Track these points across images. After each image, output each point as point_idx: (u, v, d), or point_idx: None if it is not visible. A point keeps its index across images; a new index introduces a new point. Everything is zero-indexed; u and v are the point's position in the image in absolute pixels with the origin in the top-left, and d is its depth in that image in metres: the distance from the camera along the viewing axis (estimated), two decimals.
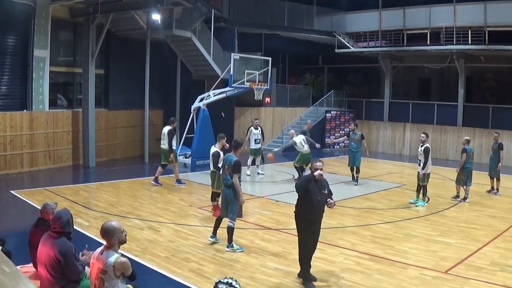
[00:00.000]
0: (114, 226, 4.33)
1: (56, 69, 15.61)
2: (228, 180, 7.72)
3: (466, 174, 11.70)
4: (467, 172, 11.69)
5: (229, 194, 7.74)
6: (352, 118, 23.26)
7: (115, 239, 4.30)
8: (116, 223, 4.40)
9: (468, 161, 11.69)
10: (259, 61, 17.55)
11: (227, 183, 7.75)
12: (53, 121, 15.17)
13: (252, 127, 15.13)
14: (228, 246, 7.70)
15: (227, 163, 7.75)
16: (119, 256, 4.24)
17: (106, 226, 4.35)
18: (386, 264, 7.18)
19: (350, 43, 22.04)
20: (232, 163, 7.63)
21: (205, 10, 17.68)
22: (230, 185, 7.70)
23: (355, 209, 10.79)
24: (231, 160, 7.68)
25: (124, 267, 4.23)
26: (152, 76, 17.27)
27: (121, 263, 4.21)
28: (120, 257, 4.23)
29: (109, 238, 4.30)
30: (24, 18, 14.10)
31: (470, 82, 21.81)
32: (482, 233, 8.95)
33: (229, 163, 7.68)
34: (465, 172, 11.69)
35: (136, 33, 17.34)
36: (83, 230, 8.43)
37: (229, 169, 7.68)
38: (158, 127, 19.90)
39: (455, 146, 20.06)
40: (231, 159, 7.70)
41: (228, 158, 7.81)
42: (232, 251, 7.62)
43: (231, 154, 7.82)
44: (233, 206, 7.71)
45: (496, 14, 17.72)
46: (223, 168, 7.93)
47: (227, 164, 7.74)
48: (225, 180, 7.82)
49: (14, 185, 12.53)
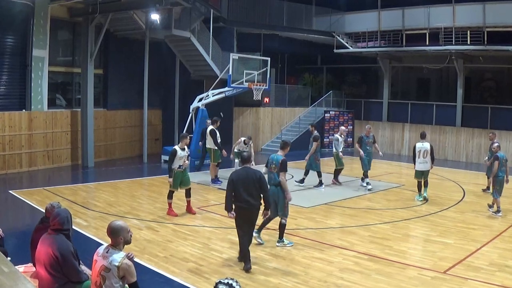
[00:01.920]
0: (121, 225, 4.34)
1: (55, 69, 15.60)
2: (275, 179, 7.81)
3: (500, 184, 10.37)
4: (499, 181, 10.38)
5: (276, 193, 7.82)
6: (351, 118, 23.29)
7: (121, 238, 4.30)
8: (123, 222, 4.41)
9: (501, 169, 10.36)
10: (258, 61, 17.58)
11: (275, 182, 7.83)
12: (52, 121, 15.16)
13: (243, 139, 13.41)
14: (279, 241, 7.98)
15: (274, 162, 7.87)
16: (124, 257, 4.22)
17: (114, 225, 4.35)
18: (385, 264, 7.19)
19: (349, 43, 22.04)
20: (279, 161, 7.76)
21: (204, 10, 17.69)
22: (277, 183, 7.79)
23: (354, 209, 10.79)
24: (277, 159, 7.82)
25: (129, 271, 4.18)
26: (151, 76, 17.26)
27: (127, 265, 4.18)
28: (126, 259, 4.21)
29: (115, 236, 4.30)
30: (23, 18, 14.09)
31: (469, 82, 21.83)
32: (481, 233, 8.96)
33: (276, 162, 7.82)
34: (498, 181, 10.37)
35: (135, 33, 17.34)
36: (82, 230, 8.43)
37: (276, 168, 7.80)
38: (157, 127, 19.97)
39: (454, 146, 20.09)
40: (278, 158, 7.84)
41: (274, 157, 7.93)
42: (282, 246, 7.91)
43: (278, 154, 7.98)
44: (281, 204, 7.84)
45: (495, 15, 17.74)
46: (269, 168, 8.00)
47: (274, 164, 7.86)
48: (272, 180, 7.87)
49: (13, 185, 12.53)
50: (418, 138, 20.60)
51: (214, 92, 16.62)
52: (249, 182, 6.84)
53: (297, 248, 7.89)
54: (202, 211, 10.27)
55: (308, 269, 6.92)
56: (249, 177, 6.87)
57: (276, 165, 7.80)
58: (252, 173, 6.94)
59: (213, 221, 9.55)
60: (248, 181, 6.84)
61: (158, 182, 13.42)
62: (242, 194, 6.80)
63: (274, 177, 7.85)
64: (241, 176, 6.92)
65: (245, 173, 6.94)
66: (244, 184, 6.83)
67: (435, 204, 11.37)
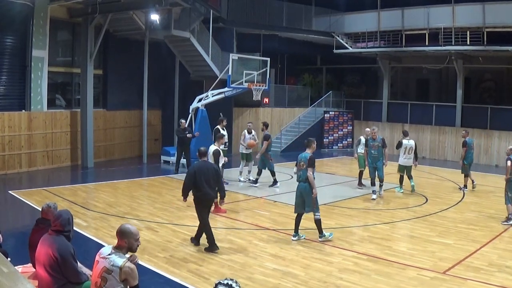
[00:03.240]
0: (131, 230, 4.26)
1: (55, 69, 15.60)
2: (304, 176, 8.19)
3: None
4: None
5: (304, 188, 8.20)
6: (350, 119, 23.29)
7: (125, 242, 4.22)
8: (134, 228, 4.32)
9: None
10: (258, 62, 17.58)
11: (303, 179, 8.21)
12: (51, 121, 15.16)
13: (245, 131, 14.26)
14: (320, 236, 8.25)
15: (302, 160, 8.25)
16: (127, 260, 4.17)
17: (124, 227, 4.29)
18: (384, 265, 7.19)
19: (349, 44, 22.05)
20: (307, 158, 8.19)
21: (204, 10, 17.68)
22: (305, 179, 8.19)
23: (353, 210, 10.80)
24: (306, 157, 8.23)
25: (132, 275, 4.13)
26: (151, 76, 17.26)
27: (129, 268, 4.13)
28: (129, 262, 4.16)
29: (121, 238, 4.25)
30: (22, 19, 14.09)
31: (469, 82, 21.83)
32: (481, 234, 8.96)
33: (305, 160, 8.21)
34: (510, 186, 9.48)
35: (135, 33, 17.34)
36: (81, 230, 8.42)
37: (304, 165, 8.19)
38: (157, 127, 19.97)
39: (453, 146, 20.08)
40: (306, 155, 8.26)
41: (303, 155, 8.31)
42: (325, 239, 8.21)
43: (306, 152, 8.35)
44: (309, 199, 8.18)
45: (494, 15, 17.74)
46: (297, 165, 8.36)
47: (303, 161, 8.23)
48: (301, 177, 8.25)
49: (13, 185, 12.53)
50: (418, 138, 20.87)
51: (213, 93, 16.61)
52: (208, 174, 7.64)
53: (296, 249, 7.90)
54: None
55: (308, 270, 6.92)
56: (208, 170, 7.71)
57: (305, 162, 8.21)
58: (210, 166, 7.87)
59: (213, 221, 9.53)
60: (208, 173, 7.65)
61: (158, 182, 13.42)
62: (203, 185, 7.58)
63: (303, 173, 8.22)
64: (201, 168, 7.70)
65: (205, 166, 7.77)
66: (204, 175, 7.60)
67: (435, 205, 11.38)
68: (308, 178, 8.14)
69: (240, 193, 12.32)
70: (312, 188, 8.13)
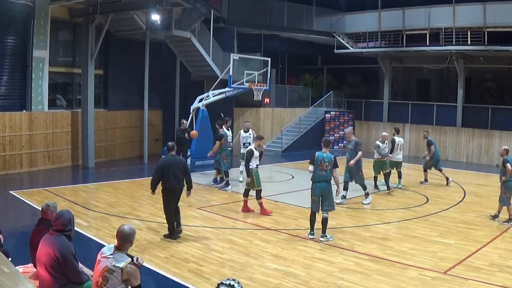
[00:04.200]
0: (133, 230, 4.44)
1: (56, 69, 15.61)
2: (328, 176, 8.35)
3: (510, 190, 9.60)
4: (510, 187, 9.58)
5: (326, 188, 8.35)
6: (351, 119, 23.27)
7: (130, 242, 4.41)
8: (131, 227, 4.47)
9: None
10: (258, 62, 17.56)
11: (326, 178, 8.34)
12: (52, 122, 15.17)
13: (241, 130, 14.07)
14: (322, 236, 8.36)
15: (327, 160, 8.38)
16: (130, 261, 4.23)
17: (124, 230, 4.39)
18: (385, 265, 7.18)
19: (349, 44, 22.04)
20: (332, 159, 8.42)
21: (205, 10, 17.68)
22: (329, 180, 8.36)
23: (354, 210, 10.79)
24: (330, 157, 8.41)
25: (134, 275, 4.19)
26: (151, 76, 17.26)
27: (131, 268, 4.19)
28: (131, 264, 4.22)
29: (125, 242, 4.36)
30: (23, 19, 14.10)
31: (470, 82, 21.81)
32: (481, 233, 8.96)
33: (329, 160, 8.38)
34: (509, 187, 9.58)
35: (135, 33, 17.34)
36: (82, 230, 8.43)
37: (329, 166, 8.35)
38: (157, 127, 19.97)
39: (454, 146, 20.07)
40: (330, 156, 8.44)
41: (325, 155, 8.42)
42: (326, 240, 8.30)
43: (325, 152, 8.52)
44: (331, 199, 8.46)
45: (495, 15, 17.73)
46: (318, 165, 8.38)
47: (327, 161, 8.37)
48: (323, 176, 8.34)
49: (13, 185, 12.53)
50: (418, 139, 20.87)
51: (214, 93, 16.61)
52: (176, 168, 8.08)
53: (297, 249, 7.89)
54: (202, 212, 10.27)
55: (309, 270, 6.92)
56: (176, 163, 8.15)
57: (330, 163, 8.36)
58: (178, 160, 8.32)
59: (214, 221, 9.55)
60: (175, 167, 8.09)
61: None
62: (171, 178, 8.04)
63: (327, 174, 8.35)
64: (170, 162, 8.15)
65: (173, 160, 8.21)
66: (172, 169, 8.05)
67: (436, 204, 11.37)
68: (335, 179, 8.49)
69: (241, 193, 12.29)
70: (337, 187, 8.64)
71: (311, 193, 8.52)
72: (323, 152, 8.51)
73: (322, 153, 8.49)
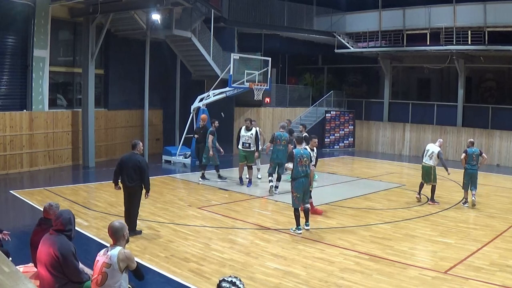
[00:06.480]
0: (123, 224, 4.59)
1: (56, 69, 15.61)
2: (308, 171, 8.73)
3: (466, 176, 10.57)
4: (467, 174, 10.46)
5: (306, 183, 8.75)
6: (351, 118, 23.28)
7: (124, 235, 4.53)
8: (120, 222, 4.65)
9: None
10: (259, 61, 17.57)
11: (306, 174, 8.71)
12: (52, 121, 15.17)
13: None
14: (306, 224, 8.82)
15: (305, 156, 8.72)
16: (122, 248, 4.43)
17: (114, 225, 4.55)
18: (386, 264, 7.18)
19: (350, 43, 22.04)
20: (309, 154, 8.90)
21: (205, 10, 17.68)
22: (308, 175, 8.76)
23: (355, 209, 10.79)
24: (307, 153, 8.82)
25: (128, 257, 4.38)
26: (152, 76, 17.25)
27: (124, 253, 4.37)
28: (124, 249, 4.42)
29: (117, 236, 4.51)
30: (23, 18, 14.10)
31: (470, 82, 21.80)
32: (482, 233, 8.96)
33: (307, 156, 8.76)
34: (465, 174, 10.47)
35: (136, 33, 17.33)
36: (83, 230, 8.43)
37: (307, 161, 8.72)
38: (158, 127, 19.97)
39: (454, 146, 20.07)
40: (307, 152, 8.86)
41: (304, 151, 8.80)
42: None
43: (304, 148, 8.94)
44: (309, 191, 9.01)
45: (495, 15, 17.73)
46: (299, 162, 8.65)
47: (305, 157, 8.71)
48: (303, 172, 8.66)
49: (14, 185, 12.53)
50: (418, 138, 20.89)
51: (215, 92, 16.62)
52: (130, 166, 8.07)
53: (297, 248, 7.89)
54: (202, 211, 10.27)
55: (309, 269, 6.92)
56: (131, 162, 8.11)
57: (308, 158, 8.73)
58: (134, 159, 8.15)
59: (214, 221, 9.56)
60: (130, 165, 8.08)
61: (159, 182, 13.42)
62: (124, 175, 8.15)
63: (307, 169, 8.69)
64: (125, 160, 8.21)
65: (129, 158, 8.19)
66: (127, 166, 8.09)
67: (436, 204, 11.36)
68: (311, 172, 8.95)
69: (241, 192, 12.31)
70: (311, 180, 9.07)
71: (294, 189, 8.73)
72: (299, 148, 8.86)
73: (299, 149, 8.82)
